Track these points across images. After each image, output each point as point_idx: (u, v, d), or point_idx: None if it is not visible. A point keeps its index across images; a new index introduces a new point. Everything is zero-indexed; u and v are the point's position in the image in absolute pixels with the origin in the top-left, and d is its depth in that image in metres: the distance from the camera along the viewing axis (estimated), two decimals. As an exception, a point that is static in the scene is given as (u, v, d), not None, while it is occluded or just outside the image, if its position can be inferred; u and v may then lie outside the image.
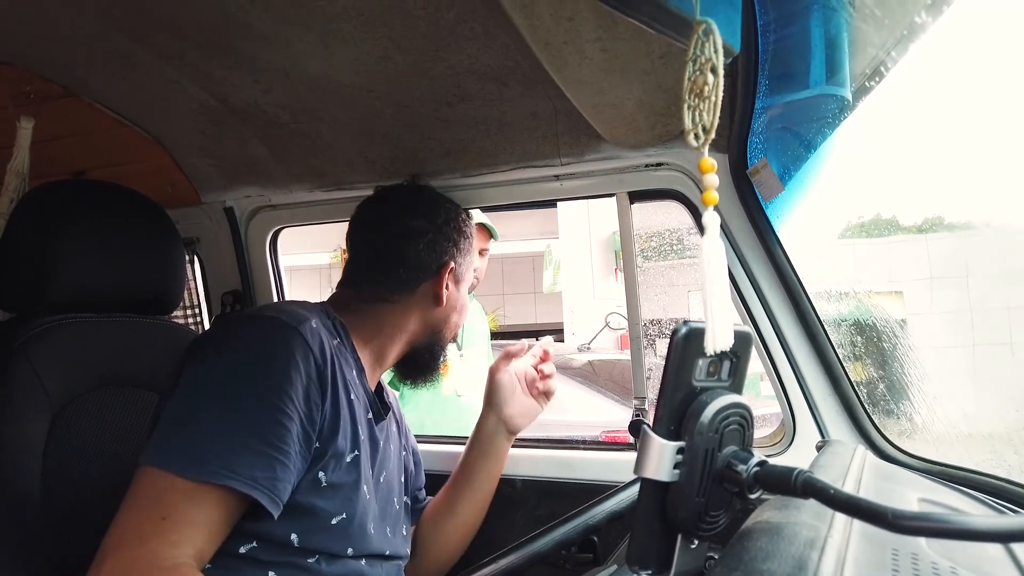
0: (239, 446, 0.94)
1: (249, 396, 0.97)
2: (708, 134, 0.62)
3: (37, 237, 1.24)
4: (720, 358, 0.68)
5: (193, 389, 0.99)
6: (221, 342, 1.04)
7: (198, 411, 0.96)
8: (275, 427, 0.97)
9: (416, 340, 1.32)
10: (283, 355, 1.01)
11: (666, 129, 1.29)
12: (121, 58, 1.32)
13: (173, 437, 0.95)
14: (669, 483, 0.65)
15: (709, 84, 0.62)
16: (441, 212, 1.34)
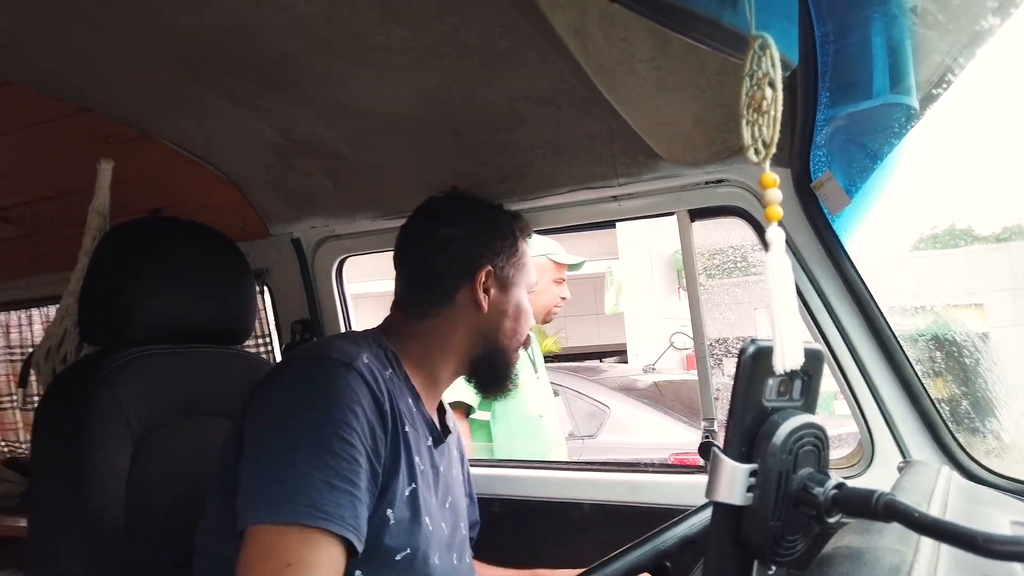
0: (322, 487, 0.95)
1: (318, 435, 0.98)
2: (769, 148, 0.61)
3: (118, 273, 1.30)
4: (791, 377, 0.66)
5: (265, 440, 1.00)
6: (283, 387, 1.06)
7: (275, 456, 0.98)
8: (349, 463, 0.98)
9: (471, 352, 1.28)
10: (344, 393, 1.02)
11: (725, 145, 1.28)
12: (192, 101, 1.38)
13: (258, 490, 0.96)
14: (743, 507, 0.63)
15: (768, 98, 0.61)
16: (475, 217, 1.31)
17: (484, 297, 1.26)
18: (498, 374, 1.32)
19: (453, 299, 1.26)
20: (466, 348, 1.27)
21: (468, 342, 1.27)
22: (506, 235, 1.32)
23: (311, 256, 1.87)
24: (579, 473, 1.57)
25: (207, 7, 1.05)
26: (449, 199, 1.36)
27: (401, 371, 1.19)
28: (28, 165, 1.82)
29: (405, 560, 1.08)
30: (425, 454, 1.18)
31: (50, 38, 1.18)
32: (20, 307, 2.81)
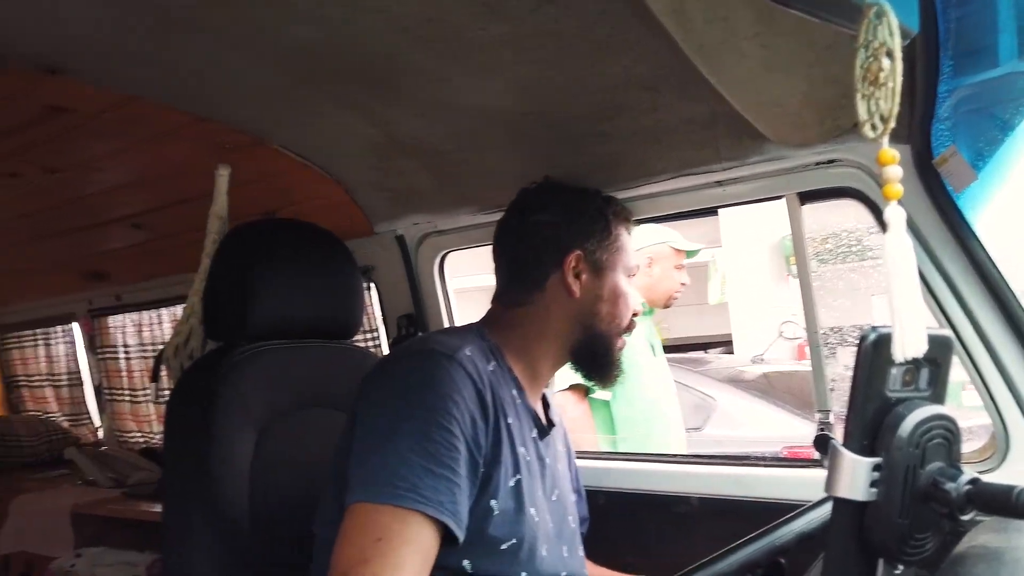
0: (421, 472, 0.98)
1: (421, 423, 1.01)
2: (887, 124, 0.57)
3: (237, 273, 1.37)
4: (917, 366, 0.62)
5: (371, 427, 1.05)
6: (389, 379, 1.10)
7: (380, 443, 1.02)
8: (449, 451, 1.00)
9: (569, 339, 1.26)
10: (445, 384, 1.04)
11: (836, 123, 1.21)
12: (302, 106, 1.44)
13: (363, 473, 1.00)
14: (865, 503, 0.60)
15: (885, 70, 0.58)
16: (564, 203, 1.29)
17: (575, 282, 1.24)
18: (600, 361, 1.29)
19: (544, 287, 1.25)
20: (563, 335, 1.26)
21: (564, 329, 1.25)
22: (596, 218, 1.28)
23: (414, 252, 1.91)
24: (687, 466, 1.54)
25: (316, 16, 1.09)
26: (539, 188, 1.34)
27: (504, 363, 1.20)
28: (154, 174, 1.95)
29: (511, 550, 1.09)
30: (531, 445, 1.18)
31: (175, 54, 1.25)
32: (151, 307, 3.02)
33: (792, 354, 7.91)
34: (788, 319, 6.64)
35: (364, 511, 0.97)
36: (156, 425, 3.19)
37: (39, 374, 3.65)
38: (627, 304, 1.29)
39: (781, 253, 9.19)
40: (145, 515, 2.45)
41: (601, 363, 1.29)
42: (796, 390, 4.58)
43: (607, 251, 1.27)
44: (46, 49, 1.25)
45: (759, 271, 9.33)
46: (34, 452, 3.36)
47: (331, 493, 1.12)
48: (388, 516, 0.96)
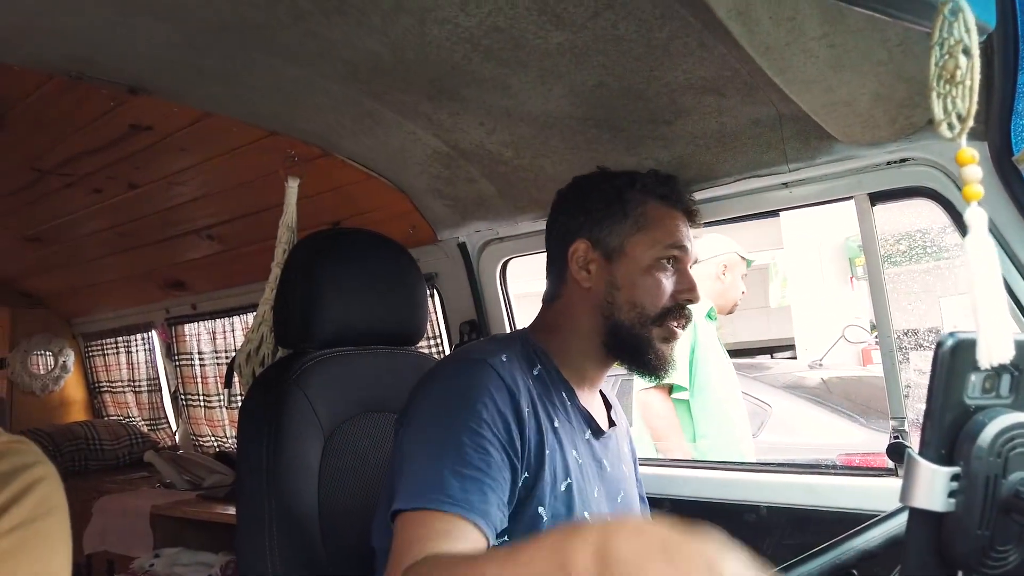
0: (451, 475, 0.97)
1: (451, 428, 1.02)
2: (964, 122, 0.55)
3: (305, 281, 1.41)
4: (998, 372, 0.60)
5: (409, 434, 1.07)
6: (424, 389, 1.11)
7: (415, 451, 1.03)
8: (478, 453, 1.00)
9: (596, 332, 1.19)
10: (475, 388, 1.04)
11: (909, 121, 1.18)
12: (366, 118, 1.47)
13: (401, 482, 1.01)
14: (943, 514, 0.58)
15: (962, 67, 0.56)
16: (583, 190, 1.23)
17: (583, 273, 1.19)
18: (635, 353, 1.19)
19: (565, 281, 1.22)
20: (590, 330, 1.19)
21: (589, 323, 1.19)
22: (610, 200, 1.19)
23: (476, 259, 1.93)
24: (755, 474, 1.51)
25: (386, 30, 1.11)
26: (573, 181, 1.28)
27: (552, 365, 1.18)
28: (227, 187, 2.02)
29: None
30: (584, 448, 1.17)
31: (248, 71, 1.30)
32: (224, 315, 3.12)
33: (857, 359, 7.66)
34: (852, 323, 6.44)
35: (408, 521, 0.97)
36: (229, 429, 3.30)
37: (120, 380, 3.82)
38: (649, 290, 1.17)
39: (845, 255, 8.93)
40: (220, 517, 2.53)
41: (637, 355, 1.19)
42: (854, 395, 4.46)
43: (620, 235, 1.18)
44: (127, 70, 1.32)
45: (822, 274, 9.07)
46: (116, 455, 3.51)
47: (383, 504, 1.13)
48: (430, 524, 0.95)
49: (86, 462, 3.38)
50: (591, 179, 1.26)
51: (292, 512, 1.27)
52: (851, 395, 4.53)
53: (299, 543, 1.27)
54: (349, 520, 1.32)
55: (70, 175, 1.98)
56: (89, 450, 3.43)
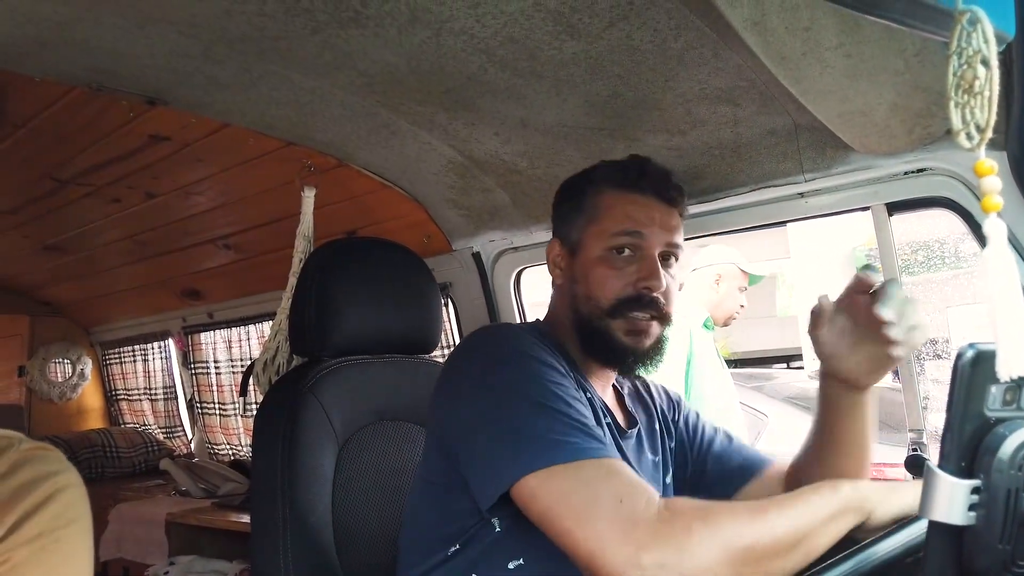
0: (568, 422, 0.91)
1: (527, 380, 0.96)
2: (983, 133, 0.55)
3: (320, 290, 1.42)
4: (1018, 384, 0.59)
5: (478, 401, 0.98)
6: (468, 356, 1.06)
7: (506, 411, 0.94)
8: (569, 398, 0.95)
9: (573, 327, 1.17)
10: (523, 340, 1.03)
11: (926, 131, 1.17)
12: (382, 129, 1.48)
13: (514, 441, 0.91)
14: (964, 527, 0.57)
15: (980, 78, 0.55)
16: (557, 194, 1.23)
17: (557, 271, 1.20)
18: (598, 346, 1.15)
19: (553, 281, 1.23)
20: (569, 325, 1.18)
21: (568, 319, 1.18)
22: (573, 195, 1.19)
23: (491, 269, 1.93)
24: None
25: (399, 41, 1.12)
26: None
27: (566, 353, 1.15)
28: (244, 197, 2.04)
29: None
30: (606, 432, 1.09)
31: (265, 82, 1.31)
32: (240, 324, 3.14)
33: None
34: None
35: (553, 478, 0.87)
36: (244, 438, 3.31)
37: (137, 388, 3.84)
38: (598, 281, 1.14)
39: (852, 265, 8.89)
40: (234, 525, 2.54)
41: (602, 349, 1.15)
42: None
43: (579, 229, 1.17)
44: (147, 81, 1.33)
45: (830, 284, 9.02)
46: (132, 463, 3.53)
47: (416, 513, 1.11)
48: (587, 473, 0.87)
49: (102, 469, 3.41)
50: (567, 180, 1.24)
51: (306, 520, 1.27)
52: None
53: (313, 551, 1.27)
54: (363, 528, 1.32)
55: (89, 185, 2.00)
56: (105, 457, 3.46)
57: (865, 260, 8.77)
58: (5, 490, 0.68)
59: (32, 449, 0.72)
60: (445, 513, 1.03)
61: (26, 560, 0.65)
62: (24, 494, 0.68)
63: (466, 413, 0.99)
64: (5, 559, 0.65)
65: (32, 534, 0.66)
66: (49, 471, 0.71)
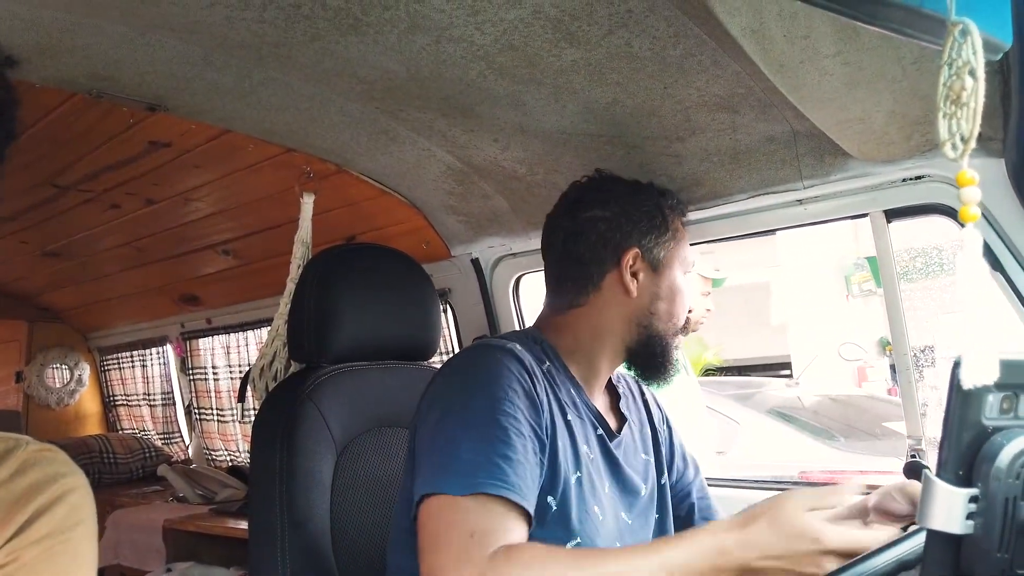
0: (496, 457, 0.96)
1: (482, 409, 1.01)
2: (967, 144, 0.55)
3: (320, 296, 1.42)
4: (1016, 393, 0.59)
5: (435, 417, 1.04)
6: (446, 377, 1.11)
7: (447, 433, 1.01)
8: (517, 436, 0.99)
9: (627, 339, 1.21)
10: (503, 371, 1.04)
11: (925, 139, 1.18)
12: (382, 135, 1.48)
13: (432, 466, 0.99)
14: (962, 536, 0.57)
15: (968, 89, 0.56)
16: (618, 197, 1.22)
17: (632, 281, 1.18)
18: (658, 361, 1.23)
19: (599, 286, 1.19)
20: (620, 336, 1.20)
21: (621, 329, 1.20)
22: (654, 213, 1.22)
23: (489, 275, 1.93)
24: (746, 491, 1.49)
25: (402, 48, 1.13)
26: (591, 182, 1.27)
27: (560, 363, 1.17)
28: (244, 203, 2.04)
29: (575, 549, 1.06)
30: (595, 443, 1.15)
31: (265, 88, 1.32)
32: (238, 330, 3.14)
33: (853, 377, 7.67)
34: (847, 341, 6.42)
35: (446, 506, 0.94)
36: (242, 443, 3.30)
37: (135, 394, 3.84)
38: (684, 302, 1.23)
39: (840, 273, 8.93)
40: (232, 531, 2.53)
41: (658, 363, 1.23)
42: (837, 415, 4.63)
43: (665, 247, 1.21)
44: (147, 88, 1.34)
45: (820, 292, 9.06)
46: (129, 469, 3.52)
47: (398, 519, 1.12)
48: (473, 509, 0.93)
49: (99, 475, 3.40)
50: (630, 186, 1.25)
51: (304, 527, 1.27)
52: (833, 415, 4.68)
53: (311, 558, 1.27)
54: (361, 535, 1.32)
55: (89, 191, 2.00)
56: (103, 463, 3.45)
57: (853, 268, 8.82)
58: (16, 489, 0.68)
59: (40, 450, 0.72)
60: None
61: (35, 560, 0.65)
62: (34, 494, 0.68)
63: (424, 425, 1.06)
64: (14, 558, 0.65)
65: (41, 534, 0.66)
66: (58, 472, 0.71)
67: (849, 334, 7.40)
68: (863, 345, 7.10)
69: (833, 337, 7.62)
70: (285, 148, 1.61)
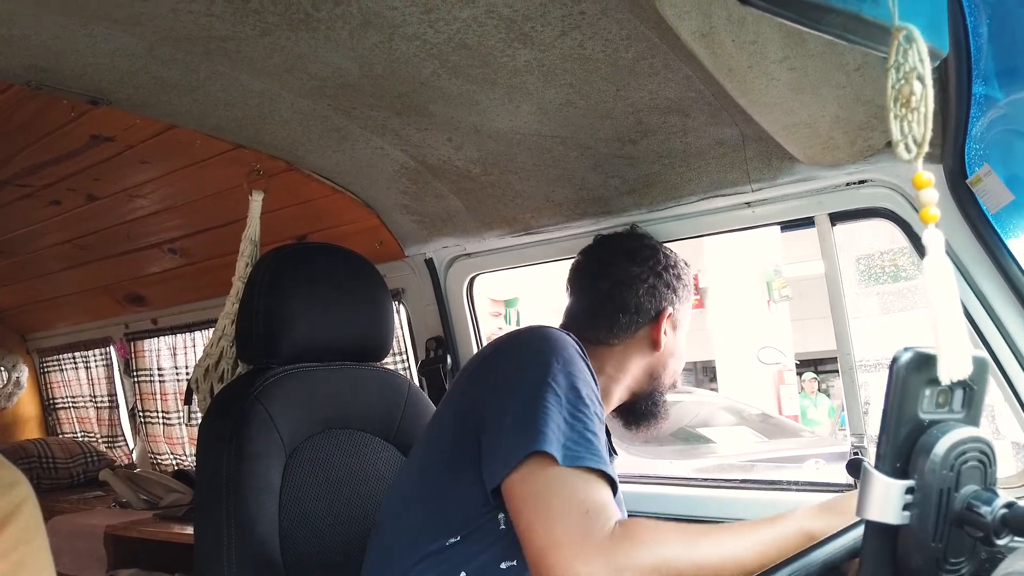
0: (583, 431, 0.95)
1: (570, 387, 1.00)
2: (921, 148, 0.57)
3: (269, 297, 1.39)
4: (951, 387, 0.61)
5: (518, 387, 1.01)
6: (523, 347, 1.08)
7: (541, 404, 0.97)
8: (595, 414, 0.99)
9: (637, 387, 1.34)
10: (578, 355, 1.05)
11: (868, 144, 1.21)
12: (334, 132, 1.46)
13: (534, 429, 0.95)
14: (899, 526, 0.59)
15: (916, 94, 0.57)
16: (661, 259, 1.36)
17: (662, 337, 1.31)
18: (653, 412, 1.37)
19: (635, 334, 1.31)
20: (634, 382, 1.33)
21: (637, 376, 1.33)
22: (686, 281, 1.38)
23: (443, 275, 1.93)
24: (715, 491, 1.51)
25: (354, 45, 1.11)
26: (635, 238, 1.41)
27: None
28: (191, 200, 2.00)
29: None
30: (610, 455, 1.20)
31: (212, 83, 1.29)
32: (184, 331, 3.06)
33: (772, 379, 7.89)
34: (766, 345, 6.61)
35: (547, 474, 0.91)
36: (188, 447, 3.23)
37: (76, 396, 3.72)
38: (683, 361, 1.39)
39: (763, 279, 9.16)
40: (177, 537, 2.47)
41: (654, 412, 1.37)
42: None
43: (685, 311, 1.38)
44: (88, 80, 1.30)
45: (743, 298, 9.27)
46: (70, 473, 3.41)
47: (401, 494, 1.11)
48: (594, 479, 0.92)
49: (39, 480, 3.28)
50: (667, 251, 1.39)
51: (252, 531, 1.25)
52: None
53: (259, 562, 1.25)
54: (312, 538, 1.30)
55: (28, 186, 1.93)
56: (42, 468, 3.33)
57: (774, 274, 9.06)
58: None
59: None
60: (448, 503, 1.03)
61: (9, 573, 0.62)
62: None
63: (502, 394, 1.02)
64: None
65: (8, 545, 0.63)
66: (14, 479, 0.68)
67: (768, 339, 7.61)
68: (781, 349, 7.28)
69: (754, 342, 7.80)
70: (234, 144, 1.58)
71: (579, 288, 1.37)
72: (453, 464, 1.04)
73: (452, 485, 1.03)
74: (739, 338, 8.94)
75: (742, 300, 9.20)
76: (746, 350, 8.32)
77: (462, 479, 1.02)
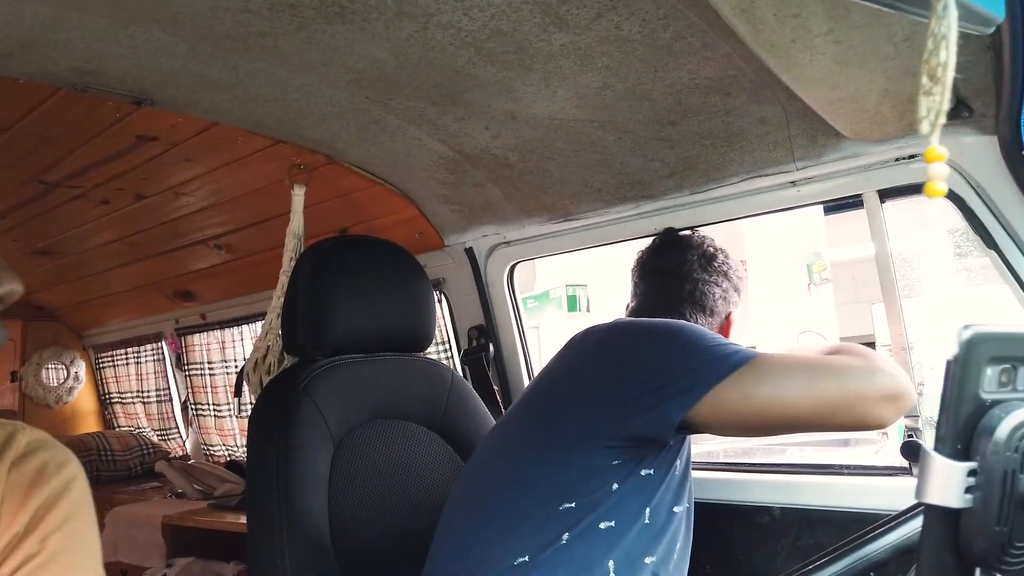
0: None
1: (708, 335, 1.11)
2: (937, 120, 0.54)
3: (313, 289, 1.41)
4: (1014, 365, 0.59)
5: (670, 340, 1.10)
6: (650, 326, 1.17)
7: (700, 341, 1.09)
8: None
9: None
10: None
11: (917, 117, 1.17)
12: (371, 125, 1.47)
13: (714, 353, 1.06)
14: (960, 510, 0.57)
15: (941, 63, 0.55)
16: (731, 264, 1.40)
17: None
18: None
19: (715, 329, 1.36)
20: None
21: None
22: (744, 281, 1.43)
23: (484, 263, 1.93)
24: (766, 475, 1.49)
25: (389, 36, 1.11)
26: (702, 238, 1.43)
27: None
28: (234, 196, 2.03)
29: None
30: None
31: (252, 80, 1.30)
32: (232, 325, 3.13)
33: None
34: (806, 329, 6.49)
35: (764, 365, 1.03)
36: (239, 438, 3.30)
37: (130, 391, 3.83)
38: None
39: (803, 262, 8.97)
40: (231, 526, 2.53)
41: None
42: None
43: (738, 312, 1.42)
44: (132, 81, 1.32)
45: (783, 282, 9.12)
46: (127, 466, 3.51)
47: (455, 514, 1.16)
48: (773, 359, 1.05)
49: (98, 473, 3.39)
50: (730, 259, 1.42)
51: (303, 520, 1.27)
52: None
53: (311, 550, 1.27)
54: (360, 526, 1.32)
55: (77, 187, 1.98)
56: (101, 461, 3.44)
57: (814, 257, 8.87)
58: (27, 470, 0.67)
59: (40, 436, 0.72)
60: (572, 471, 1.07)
61: (61, 548, 0.64)
62: (47, 477, 0.67)
63: (656, 355, 1.09)
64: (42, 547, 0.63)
65: (60, 519, 0.66)
66: (66, 458, 0.71)
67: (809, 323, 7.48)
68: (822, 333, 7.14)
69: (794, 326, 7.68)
70: (274, 140, 1.60)
71: (649, 287, 1.40)
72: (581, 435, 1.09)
73: (576, 455, 1.08)
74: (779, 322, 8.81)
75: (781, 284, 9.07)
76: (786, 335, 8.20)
77: (585, 448, 1.08)
